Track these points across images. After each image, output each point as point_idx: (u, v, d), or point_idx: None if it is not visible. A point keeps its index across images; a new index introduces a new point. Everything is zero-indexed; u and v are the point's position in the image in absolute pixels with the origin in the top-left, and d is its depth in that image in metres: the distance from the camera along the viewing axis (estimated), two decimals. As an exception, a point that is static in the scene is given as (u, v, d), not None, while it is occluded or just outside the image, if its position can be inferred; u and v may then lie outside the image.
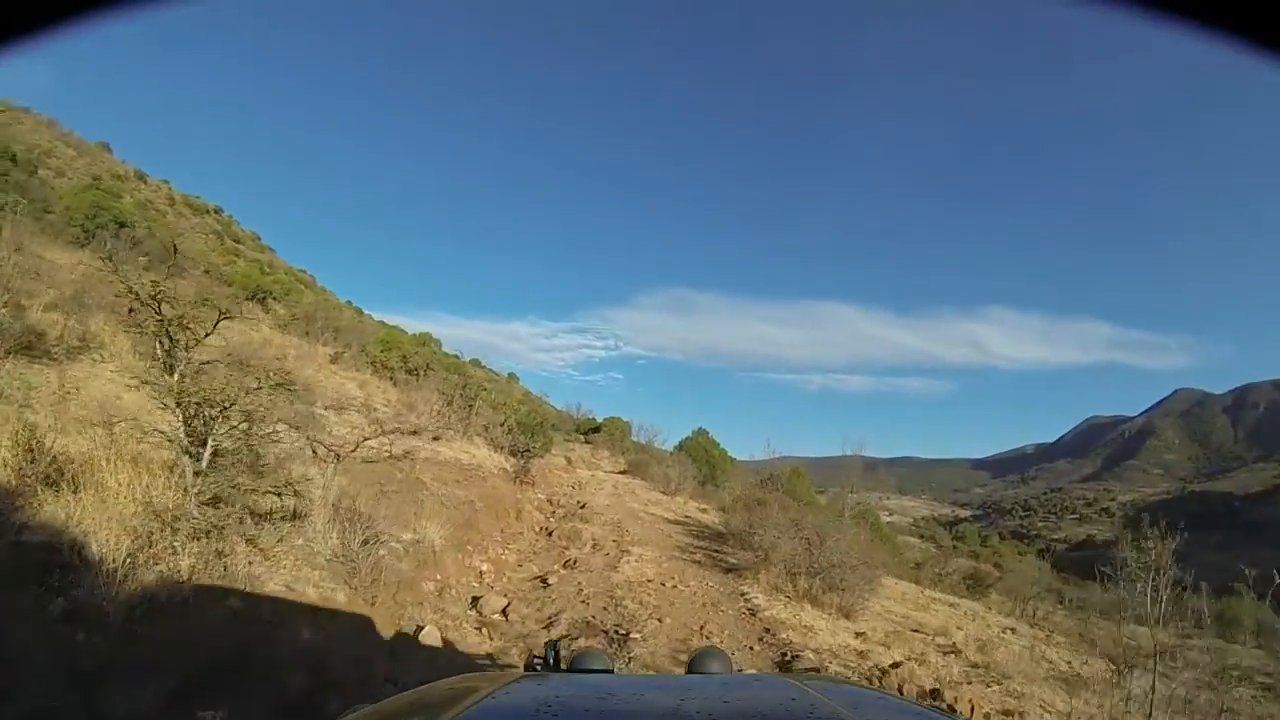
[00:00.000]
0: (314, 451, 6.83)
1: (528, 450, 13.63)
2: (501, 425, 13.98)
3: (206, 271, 19.36)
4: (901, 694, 5.61)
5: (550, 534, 11.03)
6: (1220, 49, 0.92)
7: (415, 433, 12.99)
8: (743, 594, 8.27)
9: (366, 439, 7.77)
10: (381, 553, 6.13)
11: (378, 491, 8.49)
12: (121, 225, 16.23)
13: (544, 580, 8.04)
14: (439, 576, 7.27)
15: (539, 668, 2.24)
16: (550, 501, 14.14)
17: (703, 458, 25.61)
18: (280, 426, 5.96)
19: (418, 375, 17.82)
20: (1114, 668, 8.59)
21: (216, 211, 42.11)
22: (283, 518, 5.16)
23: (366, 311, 38.72)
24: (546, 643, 2.40)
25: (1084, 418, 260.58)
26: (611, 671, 1.96)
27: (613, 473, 23.82)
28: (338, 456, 6.77)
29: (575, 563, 8.86)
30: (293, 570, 4.94)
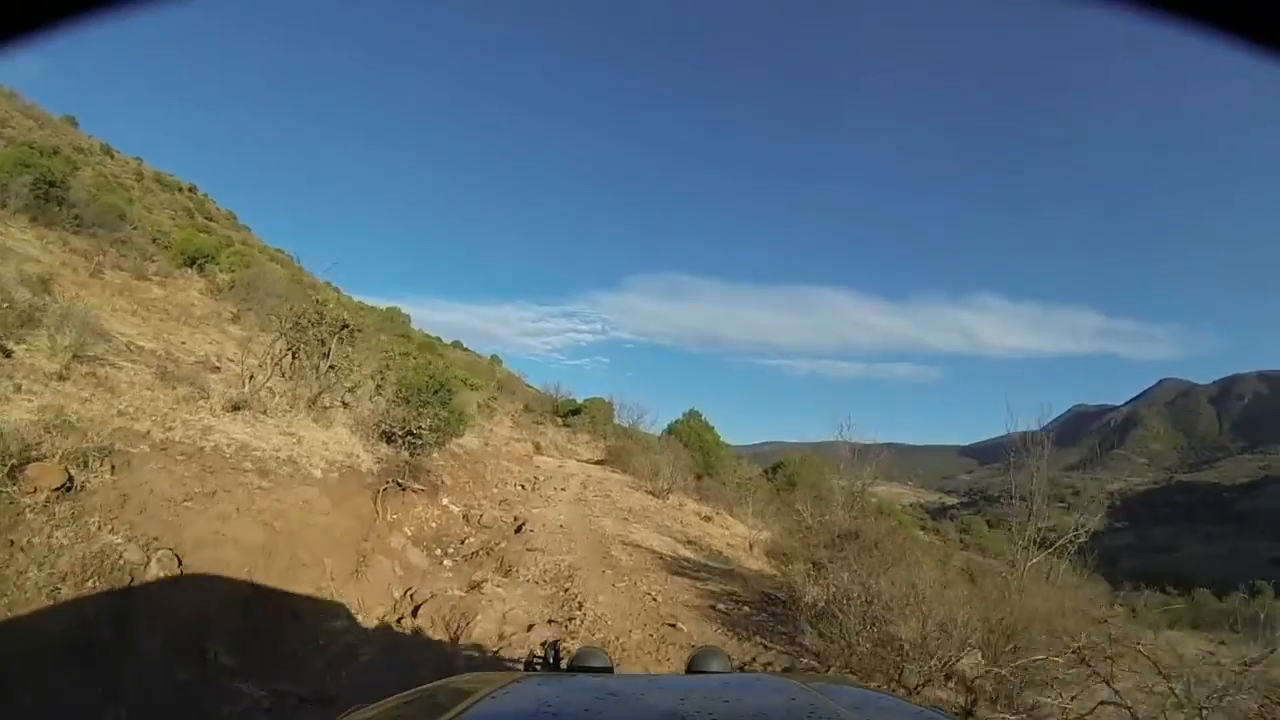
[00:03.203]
0: None
1: (413, 435, 8.40)
2: (375, 388, 9.10)
3: (154, 240, 18.44)
4: None
5: (417, 612, 5.97)
6: (1220, 48, 0.88)
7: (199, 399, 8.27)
8: None
9: None
10: None
11: None
12: (51, 184, 14.84)
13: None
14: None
15: (539, 667, 2.15)
16: (467, 519, 9.30)
17: (695, 444, 21.98)
18: None
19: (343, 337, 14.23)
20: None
21: (190, 189, 40.81)
22: None
23: (345, 292, 36.47)
24: (546, 643, 2.30)
25: (1069, 406, 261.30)
26: (612, 671, 1.88)
27: (588, 462, 19.67)
28: None
29: None
30: None
